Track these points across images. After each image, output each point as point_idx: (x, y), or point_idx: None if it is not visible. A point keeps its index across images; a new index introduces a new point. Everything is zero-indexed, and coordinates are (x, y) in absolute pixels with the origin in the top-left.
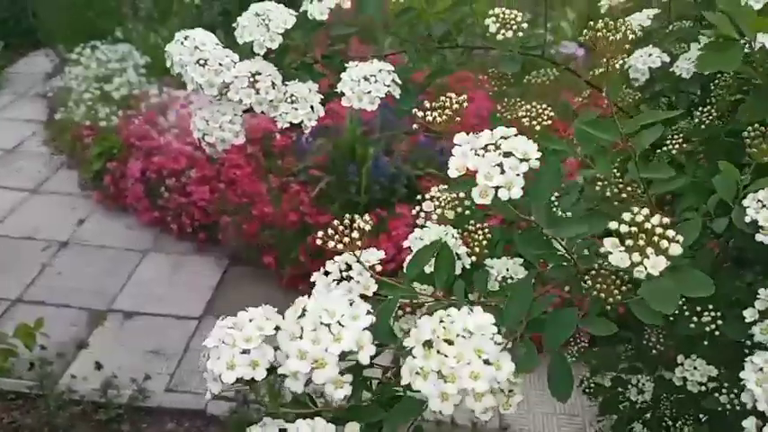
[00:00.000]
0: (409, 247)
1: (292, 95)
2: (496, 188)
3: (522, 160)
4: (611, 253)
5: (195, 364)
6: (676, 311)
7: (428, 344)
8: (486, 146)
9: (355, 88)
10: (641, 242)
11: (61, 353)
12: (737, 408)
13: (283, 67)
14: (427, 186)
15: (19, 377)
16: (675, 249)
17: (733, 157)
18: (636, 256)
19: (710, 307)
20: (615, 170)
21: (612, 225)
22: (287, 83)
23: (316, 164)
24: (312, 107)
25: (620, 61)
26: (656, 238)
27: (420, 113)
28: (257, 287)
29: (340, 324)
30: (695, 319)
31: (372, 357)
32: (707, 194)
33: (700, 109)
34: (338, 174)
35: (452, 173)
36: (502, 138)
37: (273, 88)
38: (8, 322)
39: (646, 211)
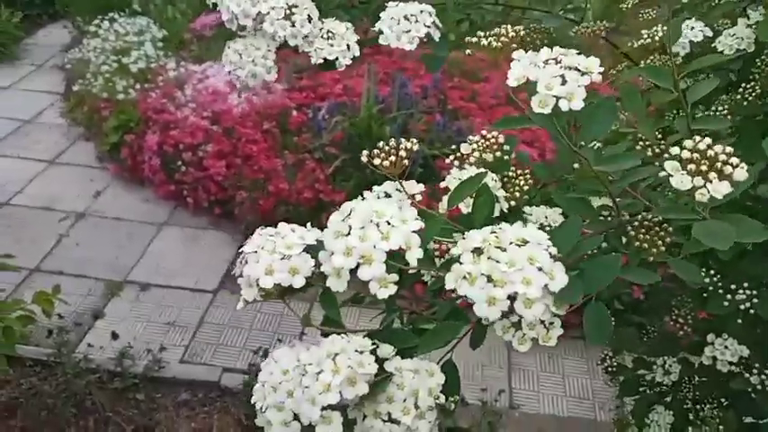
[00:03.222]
0: (446, 187)
1: (329, 31)
2: (557, 98)
3: (583, 74)
4: (671, 176)
5: (210, 337)
6: (710, 288)
7: (477, 251)
8: (547, 60)
9: (394, 27)
10: (704, 167)
11: (78, 322)
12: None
13: (322, 7)
14: (443, 166)
15: (37, 344)
16: (740, 174)
17: None
18: (698, 180)
19: (745, 285)
20: (658, 134)
21: (674, 150)
22: (324, 20)
23: (332, 141)
24: (348, 45)
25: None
26: (718, 165)
27: (474, 40)
28: None
29: (389, 223)
30: (728, 296)
31: (409, 281)
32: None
33: (743, 85)
34: (354, 152)
35: (511, 82)
36: (562, 54)
37: (309, 22)
38: (26, 290)
39: (708, 140)
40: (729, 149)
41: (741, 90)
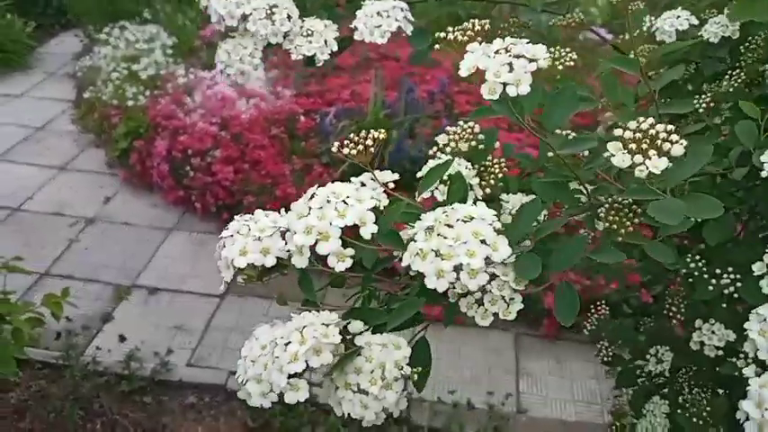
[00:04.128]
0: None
1: (308, 29)
2: (504, 85)
3: (530, 60)
4: (614, 156)
5: (217, 341)
6: (695, 273)
7: (430, 230)
8: (498, 50)
9: (368, 23)
10: (645, 146)
11: (87, 325)
12: None
13: (306, 7)
14: None
15: (46, 348)
16: (678, 150)
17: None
18: (638, 157)
19: (730, 270)
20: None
21: (617, 132)
22: (304, 18)
23: None
24: (326, 41)
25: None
26: (659, 142)
27: (450, 28)
28: None
29: (345, 202)
30: (714, 281)
31: (379, 264)
32: (727, 153)
33: (729, 73)
34: None
35: (463, 72)
36: (512, 44)
37: (289, 20)
38: (36, 295)
39: (651, 120)
40: (670, 127)
41: (727, 78)
